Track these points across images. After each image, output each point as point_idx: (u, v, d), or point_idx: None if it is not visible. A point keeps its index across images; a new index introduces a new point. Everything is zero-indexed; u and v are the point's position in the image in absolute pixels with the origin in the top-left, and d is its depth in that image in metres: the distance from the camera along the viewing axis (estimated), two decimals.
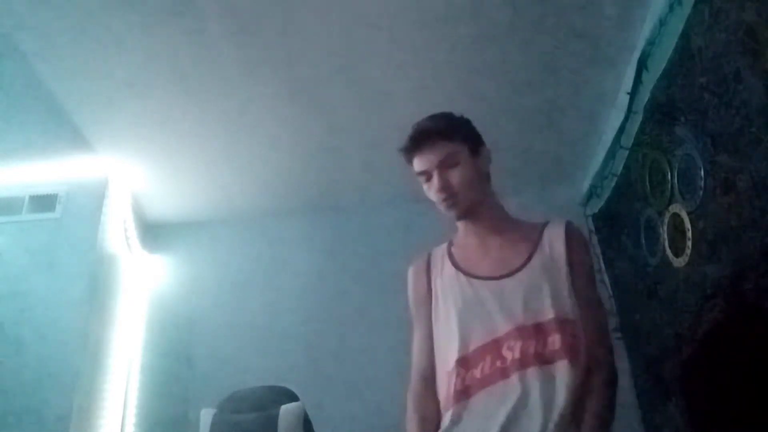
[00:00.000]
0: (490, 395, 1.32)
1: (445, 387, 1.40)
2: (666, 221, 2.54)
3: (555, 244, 1.45)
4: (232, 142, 3.12)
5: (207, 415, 2.33)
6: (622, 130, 2.87)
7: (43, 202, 3.11)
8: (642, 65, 2.57)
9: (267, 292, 3.48)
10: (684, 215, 2.38)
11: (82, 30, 2.42)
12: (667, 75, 2.41)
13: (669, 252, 2.53)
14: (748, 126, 1.92)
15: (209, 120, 2.96)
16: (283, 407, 2.27)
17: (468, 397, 1.35)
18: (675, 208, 2.46)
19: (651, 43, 2.48)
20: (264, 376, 2.79)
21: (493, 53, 2.70)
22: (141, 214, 3.58)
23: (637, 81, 2.62)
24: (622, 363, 3.15)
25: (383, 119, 3.01)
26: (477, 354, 1.37)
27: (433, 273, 1.54)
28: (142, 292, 3.46)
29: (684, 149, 2.35)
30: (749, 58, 1.88)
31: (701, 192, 2.23)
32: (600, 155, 3.22)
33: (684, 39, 2.25)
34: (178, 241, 3.67)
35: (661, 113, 2.51)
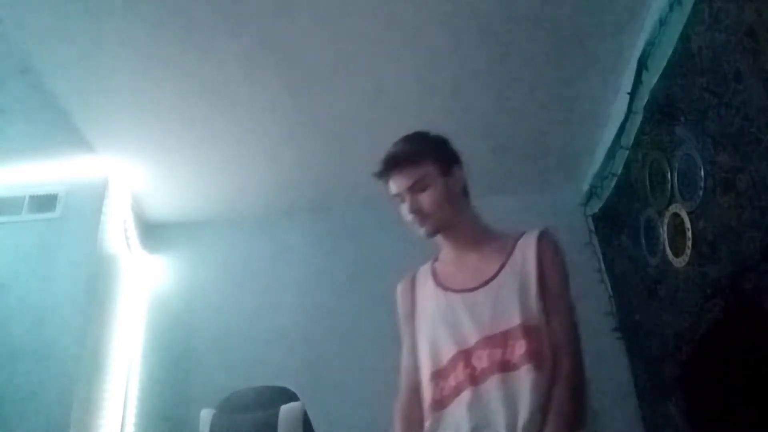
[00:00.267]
0: (460, 404, 1.37)
1: (426, 399, 1.46)
2: (666, 221, 2.54)
3: (527, 253, 1.48)
4: (232, 142, 3.12)
5: (207, 415, 2.33)
6: (622, 130, 2.87)
7: (43, 202, 3.11)
8: (642, 65, 2.57)
9: (267, 292, 3.47)
10: (684, 215, 2.38)
11: (82, 31, 2.42)
12: (667, 75, 2.41)
13: (669, 252, 2.53)
14: (748, 126, 1.92)
15: (209, 120, 2.96)
16: (283, 407, 2.27)
17: (443, 407, 1.41)
18: (675, 208, 2.46)
19: (651, 43, 2.48)
20: (264, 376, 2.79)
21: (494, 53, 2.70)
22: (141, 214, 3.58)
23: (637, 81, 2.62)
24: (622, 363, 3.16)
25: (383, 119, 3.01)
26: (450, 365, 1.42)
27: (418, 290, 1.60)
28: (142, 292, 3.46)
29: (684, 149, 2.35)
30: (749, 58, 1.88)
31: (701, 192, 2.23)
32: (600, 155, 3.22)
33: (684, 39, 2.25)
34: (178, 241, 3.67)
35: (661, 113, 2.51)
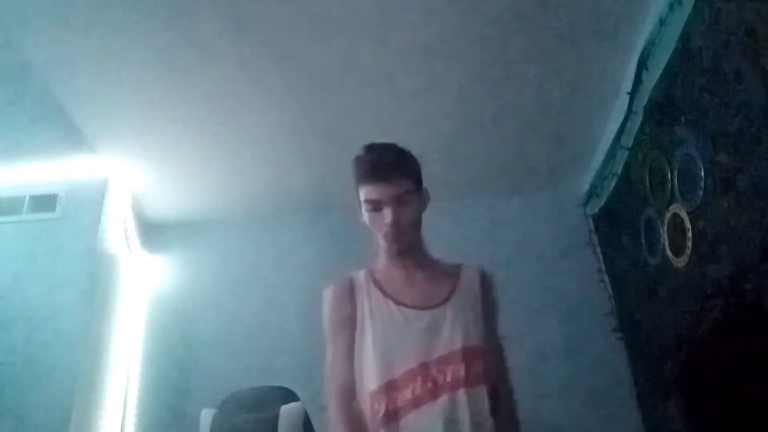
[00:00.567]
0: (421, 415, 1.40)
1: (371, 408, 1.45)
2: (666, 221, 2.54)
3: (472, 283, 1.60)
4: (232, 142, 3.12)
5: (207, 415, 2.33)
6: (622, 130, 2.87)
7: (43, 202, 3.11)
8: (642, 65, 2.57)
9: (267, 291, 3.48)
10: (684, 215, 2.38)
11: (82, 31, 2.42)
12: (667, 75, 2.41)
13: (669, 252, 2.53)
14: (748, 126, 1.92)
15: (209, 120, 2.97)
16: (284, 407, 2.27)
17: (399, 419, 1.42)
18: (675, 208, 2.46)
19: (651, 43, 2.48)
20: (264, 376, 2.79)
21: (494, 53, 2.70)
22: (141, 214, 3.58)
23: (637, 81, 2.62)
24: (622, 363, 3.16)
25: (384, 119, 3.02)
26: (406, 377, 1.44)
27: (358, 298, 1.58)
28: (142, 292, 3.46)
29: (684, 149, 2.35)
30: (749, 58, 1.88)
31: (701, 192, 2.23)
32: (600, 155, 3.22)
33: (684, 39, 2.25)
34: (178, 241, 3.67)
35: (661, 113, 2.51)
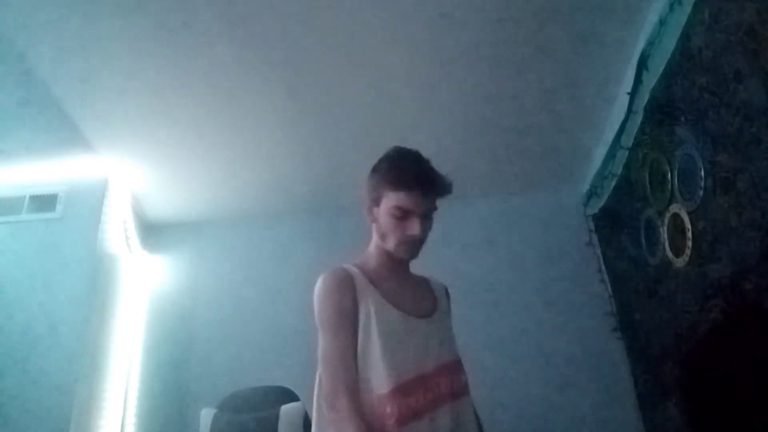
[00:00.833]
0: (424, 424, 1.43)
1: (376, 409, 1.43)
2: (666, 221, 2.54)
3: (444, 299, 1.69)
4: (232, 142, 3.12)
5: (207, 415, 2.33)
6: (622, 130, 2.87)
7: (43, 202, 3.12)
8: (642, 65, 2.57)
9: (267, 291, 3.48)
10: (684, 215, 2.38)
11: (82, 31, 2.42)
12: (667, 75, 2.41)
13: (669, 252, 2.54)
14: (748, 126, 1.92)
15: (209, 120, 2.97)
16: (283, 407, 2.27)
17: (405, 424, 1.42)
18: (675, 208, 2.46)
19: (651, 43, 2.48)
20: (264, 376, 2.79)
21: (493, 54, 2.70)
22: (141, 214, 3.59)
23: (637, 81, 2.62)
24: (622, 363, 3.16)
25: (384, 119, 3.02)
26: (411, 385, 1.46)
27: (360, 293, 1.54)
28: (142, 292, 3.46)
29: (684, 149, 2.35)
30: (749, 58, 1.88)
31: (701, 192, 2.23)
32: (600, 155, 3.22)
33: (684, 39, 2.25)
34: (178, 241, 3.67)
35: (661, 113, 2.51)
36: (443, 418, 1.45)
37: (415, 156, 1.60)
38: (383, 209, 1.57)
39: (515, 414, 3.06)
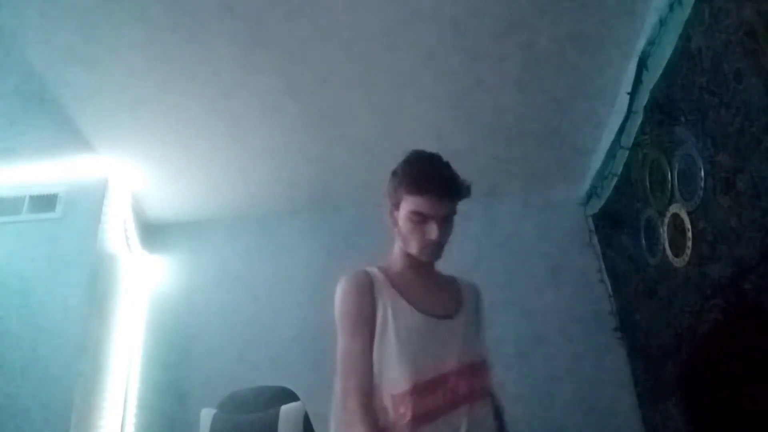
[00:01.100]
0: (441, 424, 1.43)
1: (393, 409, 1.44)
2: (666, 221, 2.54)
3: (471, 298, 1.68)
4: (231, 142, 3.12)
5: (207, 415, 2.33)
6: (622, 130, 2.87)
7: (43, 202, 3.11)
8: (642, 65, 2.57)
9: (267, 291, 3.47)
10: (684, 215, 2.38)
11: (82, 32, 2.42)
12: (667, 75, 2.41)
13: (669, 252, 2.53)
14: (748, 126, 1.92)
15: (209, 120, 2.96)
16: (283, 407, 2.27)
17: (422, 424, 1.42)
18: (675, 208, 2.46)
19: (651, 43, 2.48)
20: (264, 376, 2.79)
21: (494, 54, 2.70)
22: (141, 214, 3.58)
23: (637, 81, 2.62)
24: (622, 363, 3.16)
25: (384, 119, 3.01)
26: (429, 385, 1.45)
27: (378, 294, 1.57)
28: (142, 292, 3.46)
29: (684, 149, 2.35)
30: (749, 58, 1.88)
31: (701, 192, 2.23)
32: (600, 155, 3.22)
33: (684, 39, 2.25)
34: (178, 241, 3.67)
35: (661, 113, 2.51)
36: (459, 419, 1.43)
37: (433, 159, 1.59)
38: (402, 213, 1.57)
39: (515, 414, 3.05)
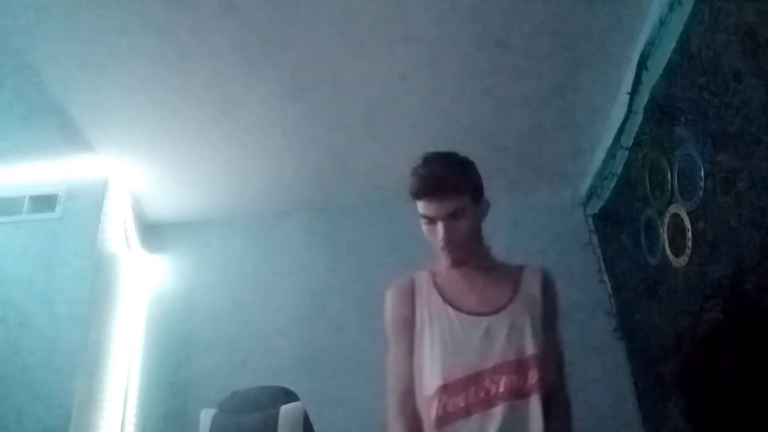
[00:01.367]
0: (471, 424, 1.41)
1: (426, 411, 1.47)
2: (666, 221, 2.54)
3: (533, 287, 1.60)
4: (232, 142, 3.12)
5: (207, 415, 2.33)
6: (622, 130, 2.87)
7: (43, 202, 3.11)
8: (642, 65, 2.57)
9: (267, 291, 3.48)
10: (684, 215, 2.38)
11: (82, 31, 2.42)
12: (667, 75, 2.41)
13: (669, 252, 2.53)
14: (748, 126, 1.92)
15: (209, 120, 2.96)
16: (283, 407, 2.27)
17: (448, 424, 1.43)
18: (675, 208, 2.46)
19: (651, 43, 2.48)
20: (264, 376, 2.79)
21: (493, 53, 2.70)
22: (141, 214, 3.58)
23: (637, 81, 2.62)
24: (622, 363, 3.16)
25: (384, 119, 3.01)
26: (460, 384, 1.44)
27: (418, 299, 1.59)
28: (142, 292, 3.46)
29: (684, 149, 2.35)
30: (749, 58, 1.88)
31: (701, 192, 2.23)
32: (600, 155, 3.22)
33: (684, 39, 2.25)
34: (178, 241, 3.67)
35: (661, 113, 2.51)
36: (489, 420, 1.40)
37: (434, 159, 1.58)
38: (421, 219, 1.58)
39: None
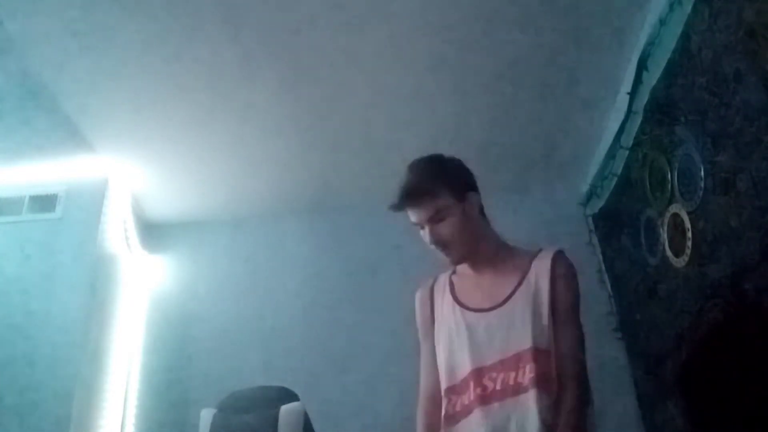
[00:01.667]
0: (470, 422, 1.41)
1: (443, 411, 1.49)
2: (666, 221, 2.54)
3: (541, 274, 1.50)
4: (232, 142, 3.12)
5: (207, 415, 2.33)
6: (622, 130, 2.87)
7: (43, 202, 3.11)
8: (642, 65, 2.57)
9: (267, 291, 3.47)
10: (684, 215, 2.38)
11: (82, 31, 2.42)
12: (667, 75, 2.41)
13: (669, 252, 2.53)
14: (748, 126, 1.92)
15: (209, 120, 2.96)
16: (283, 407, 2.27)
17: (454, 424, 1.44)
18: (675, 208, 2.46)
19: (651, 43, 2.48)
20: (264, 376, 2.79)
21: (494, 54, 2.70)
22: (141, 214, 3.58)
23: (637, 81, 2.62)
24: (622, 363, 3.15)
25: (384, 119, 3.01)
26: (464, 383, 1.45)
27: (437, 300, 1.61)
28: (142, 292, 3.46)
29: (684, 149, 2.35)
30: (749, 58, 1.88)
31: (701, 192, 2.23)
32: (600, 155, 3.21)
33: (684, 39, 2.25)
34: (178, 241, 3.66)
35: (661, 113, 2.51)
36: (491, 415, 1.38)
37: (412, 167, 1.59)
38: None
39: None
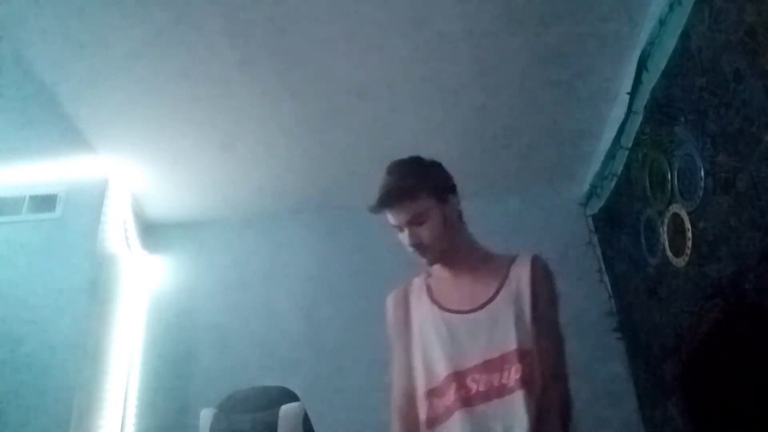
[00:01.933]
0: (453, 425, 1.39)
1: (421, 413, 1.47)
2: (666, 221, 2.54)
3: (521, 278, 1.53)
4: (231, 142, 3.12)
5: (207, 415, 2.33)
6: (622, 130, 2.87)
7: (43, 202, 3.11)
8: (642, 65, 2.57)
9: (267, 291, 3.47)
10: (684, 215, 2.38)
11: (82, 32, 2.42)
12: (667, 75, 2.41)
13: (669, 252, 2.53)
14: (748, 126, 1.92)
15: (209, 120, 2.97)
16: (283, 407, 2.27)
17: (436, 425, 1.43)
18: (675, 208, 2.46)
19: (651, 43, 2.48)
20: (264, 376, 2.79)
21: (494, 54, 2.70)
22: (141, 214, 3.58)
23: (637, 81, 2.62)
24: (622, 363, 3.16)
25: (384, 119, 3.01)
26: (444, 385, 1.44)
27: (412, 304, 1.60)
28: (142, 292, 3.46)
29: (684, 149, 2.35)
30: (749, 58, 1.88)
31: (701, 192, 2.23)
32: (600, 155, 3.22)
33: (684, 39, 2.25)
34: (178, 241, 3.66)
35: (661, 113, 2.51)
36: (474, 417, 1.37)
37: (391, 169, 1.60)
38: None
39: None
